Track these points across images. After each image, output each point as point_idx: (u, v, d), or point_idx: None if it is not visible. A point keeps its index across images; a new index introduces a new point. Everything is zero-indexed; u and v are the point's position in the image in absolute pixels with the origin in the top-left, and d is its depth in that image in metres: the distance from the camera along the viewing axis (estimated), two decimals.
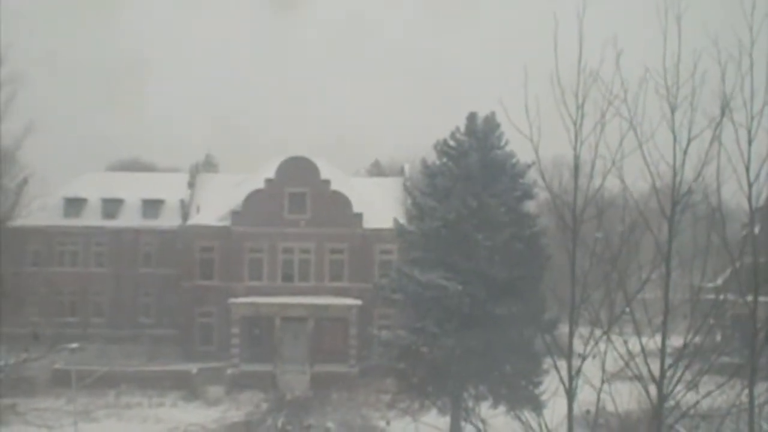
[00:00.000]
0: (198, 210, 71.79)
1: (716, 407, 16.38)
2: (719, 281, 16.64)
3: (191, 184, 75.55)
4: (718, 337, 17.52)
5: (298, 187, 68.72)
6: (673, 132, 14.74)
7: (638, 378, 15.70)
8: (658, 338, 15.45)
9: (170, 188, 76.36)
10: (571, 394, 15.88)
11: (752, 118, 14.72)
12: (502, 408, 38.84)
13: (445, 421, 43.12)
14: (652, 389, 15.38)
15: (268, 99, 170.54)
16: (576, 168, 15.67)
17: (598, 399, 15.92)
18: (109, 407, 55.38)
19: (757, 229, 16.34)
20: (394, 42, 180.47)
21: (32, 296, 71.22)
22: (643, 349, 15.73)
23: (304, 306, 65.51)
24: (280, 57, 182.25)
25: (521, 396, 40.90)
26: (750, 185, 15.02)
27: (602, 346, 15.79)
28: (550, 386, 18.33)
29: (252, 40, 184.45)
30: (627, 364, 15.87)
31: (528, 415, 17.58)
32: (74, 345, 50.65)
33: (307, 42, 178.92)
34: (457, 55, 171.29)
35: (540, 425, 16.39)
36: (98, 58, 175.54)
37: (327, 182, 69.26)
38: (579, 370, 15.81)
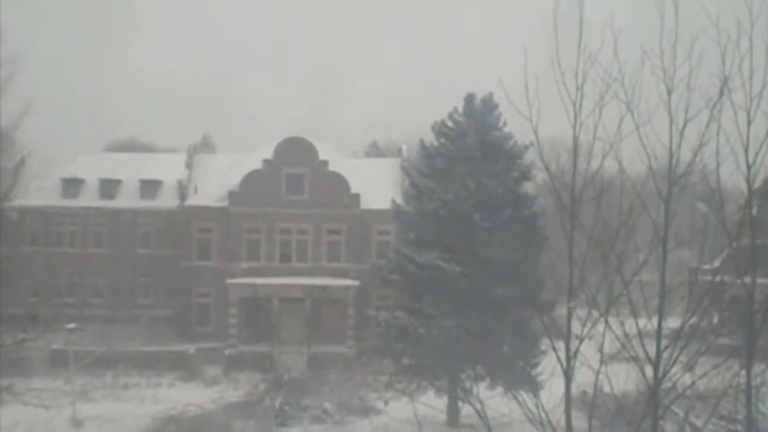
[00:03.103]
0: (196, 191, 71.70)
1: (713, 388, 16.39)
2: (716, 262, 16.65)
3: (189, 165, 75.38)
4: (715, 319, 17.52)
5: (296, 168, 68.71)
6: (670, 113, 14.70)
7: (635, 359, 15.68)
8: (655, 320, 15.47)
9: (168, 169, 76.41)
10: (568, 375, 15.90)
11: (751, 100, 14.68)
12: (499, 389, 38.91)
13: (442, 402, 43.26)
14: (649, 370, 15.37)
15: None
16: (575, 150, 15.63)
17: (596, 380, 15.94)
18: (106, 387, 55.45)
19: (754, 211, 16.34)
20: (389, 21, 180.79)
21: (30, 277, 71.39)
22: (639, 331, 15.73)
23: (302, 287, 65.58)
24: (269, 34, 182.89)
25: (519, 377, 40.97)
26: (749, 166, 15.01)
27: (600, 327, 15.80)
28: (548, 367, 18.35)
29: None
30: (624, 346, 15.87)
31: (525, 396, 17.56)
32: (72, 325, 50.84)
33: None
34: (457, 35, 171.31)
35: (537, 406, 16.40)
36: None
37: (325, 163, 69.25)
38: (576, 352, 15.83)
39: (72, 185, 76.48)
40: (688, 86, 14.49)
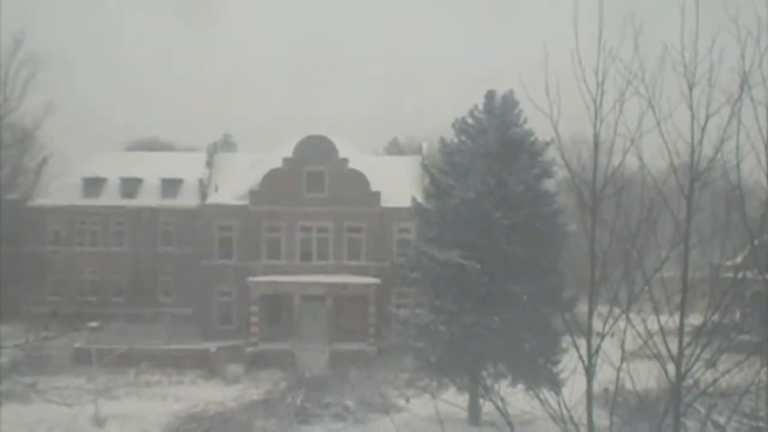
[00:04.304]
0: (216, 189, 71.93)
1: (735, 385, 16.32)
2: (738, 259, 16.57)
3: (209, 164, 75.66)
4: (737, 316, 17.44)
5: (316, 166, 68.79)
6: (692, 109, 14.64)
7: (657, 356, 15.63)
8: (677, 317, 15.42)
9: (189, 167, 76.61)
10: (590, 373, 15.87)
11: None
12: (520, 386, 38.82)
13: (464, 399, 43.26)
14: (671, 368, 15.32)
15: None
16: (595, 146, 15.58)
17: (617, 377, 15.91)
18: (129, 385, 55.73)
19: None
20: (408, 18, 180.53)
21: (52, 275, 71.78)
22: (661, 328, 15.68)
23: (323, 285, 65.74)
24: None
25: (540, 374, 40.89)
26: None
27: (621, 324, 15.76)
28: (569, 364, 18.32)
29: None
30: (646, 343, 15.83)
31: (547, 393, 17.53)
32: (94, 324, 50.98)
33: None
34: (475, 32, 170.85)
35: (559, 403, 16.37)
36: None
37: (345, 161, 69.29)
38: (598, 349, 15.80)
39: (93, 184, 76.71)
40: (709, 82, 14.45)
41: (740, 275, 15.88)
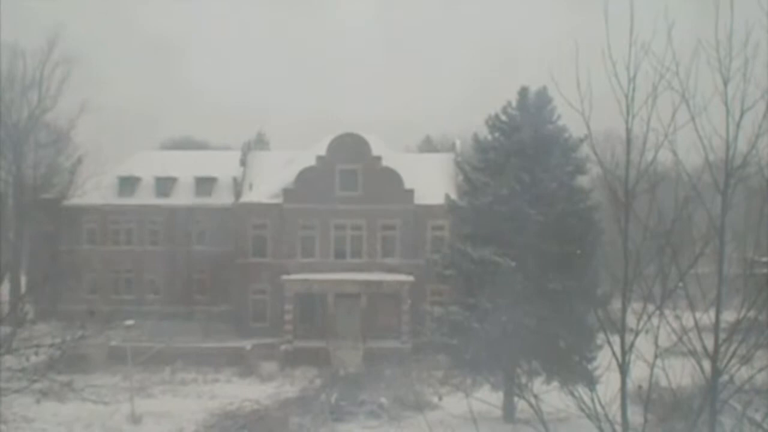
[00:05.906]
0: (250, 187, 72.24)
1: None
2: None
3: (243, 162, 76.05)
4: None
5: (350, 164, 68.86)
6: (726, 104, 14.52)
7: (692, 353, 15.51)
8: (712, 313, 15.30)
9: (223, 166, 76.81)
10: (624, 370, 15.77)
11: None
12: (555, 383, 38.67)
13: (498, 397, 43.06)
14: (706, 364, 15.20)
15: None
16: (628, 142, 15.47)
17: (651, 374, 15.80)
18: (164, 383, 56.04)
19: None
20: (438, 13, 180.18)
21: (88, 274, 72.31)
22: (696, 324, 15.57)
23: (357, 282, 65.74)
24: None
25: (574, 371, 40.79)
26: None
27: (655, 321, 15.65)
28: (603, 361, 18.24)
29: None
30: (680, 339, 15.72)
31: (581, 391, 17.42)
32: (130, 322, 51.38)
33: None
34: (506, 27, 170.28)
35: (593, 401, 16.27)
36: None
37: (378, 159, 69.33)
38: (632, 346, 15.69)
39: (128, 183, 77.11)
40: (744, 77, 14.33)
41: None
